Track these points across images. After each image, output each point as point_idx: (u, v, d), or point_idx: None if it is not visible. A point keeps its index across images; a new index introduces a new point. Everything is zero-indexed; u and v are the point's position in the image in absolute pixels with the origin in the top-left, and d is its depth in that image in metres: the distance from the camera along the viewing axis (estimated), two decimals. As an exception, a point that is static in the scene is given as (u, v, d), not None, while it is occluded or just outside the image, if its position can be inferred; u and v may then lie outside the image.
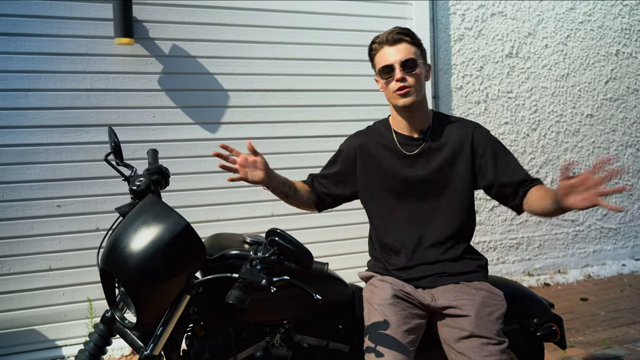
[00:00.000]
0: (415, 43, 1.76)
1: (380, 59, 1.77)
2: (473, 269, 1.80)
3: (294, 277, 1.40)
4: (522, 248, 4.50)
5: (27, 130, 3.08)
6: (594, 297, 3.99)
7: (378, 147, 1.87)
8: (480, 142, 1.80)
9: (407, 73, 1.72)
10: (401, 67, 1.71)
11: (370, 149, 1.89)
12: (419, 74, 1.74)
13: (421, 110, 1.83)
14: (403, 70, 1.71)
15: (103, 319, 1.55)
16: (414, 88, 1.73)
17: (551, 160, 4.57)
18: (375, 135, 1.91)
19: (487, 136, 1.82)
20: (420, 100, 1.78)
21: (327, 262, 1.50)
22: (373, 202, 1.89)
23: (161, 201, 1.42)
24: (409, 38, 1.75)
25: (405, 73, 1.71)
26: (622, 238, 4.91)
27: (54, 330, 3.18)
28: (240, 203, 3.56)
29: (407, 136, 1.85)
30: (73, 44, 3.13)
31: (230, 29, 3.46)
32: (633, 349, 3.04)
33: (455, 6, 4.13)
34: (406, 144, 1.84)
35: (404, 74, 1.71)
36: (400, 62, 1.71)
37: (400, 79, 1.71)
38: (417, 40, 1.77)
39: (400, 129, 1.86)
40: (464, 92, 4.21)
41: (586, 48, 4.65)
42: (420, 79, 1.75)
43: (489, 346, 1.60)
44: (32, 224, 3.11)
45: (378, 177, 1.86)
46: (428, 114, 1.86)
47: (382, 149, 1.87)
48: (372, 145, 1.89)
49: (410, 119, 1.82)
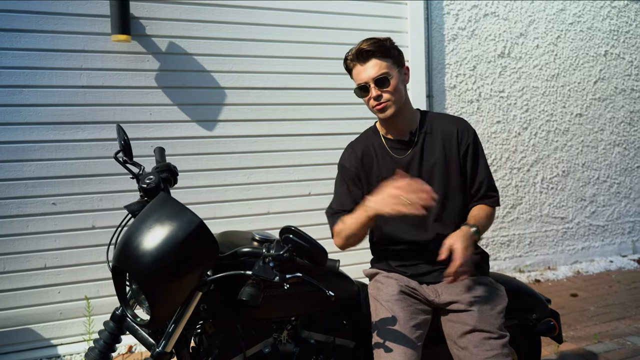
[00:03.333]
0: (385, 54, 1.73)
1: (355, 76, 1.79)
2: (475, 264, 1.84)
3: (305, 274, 1.42)
4: (513, 245, 4.57)
5: (23, 127, 3.05)
6: (583, 293, 4.07)
7: (373, 154, 1.89)
8: (464, 147, 1.83)
9: (382, 90, 1.73)
10: (375, 85, 1.72)
11: (367, 156, 1.89)
12: (395, 86, 1.73)
13: (404, 115, 1.83)
14: (377, 87, 1.72)
15: (113, 316, 1.55)
16: (391, 101, 1.74)
17: (542, 159, 4.64)
18: (368, 143, 1.92)
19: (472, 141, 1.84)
20: (400, 107, 1.78)
21: (338, 259, 1.52)
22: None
23: (174, 199, 1.43)
24: (379, 52, 1.72)
25: (380, 90, 1.73)
26: (609, 235, 5.01)
27: (49, 329, 3.16)
28: (237, 201, 3.56)
29: (396, 140, 1.87)
30: (69, 40, 3.10)
31: (228, 27, 3.46)
32: (624, 343, 3.11)
33: (449, 6, 4.18)
34: (396, 147, 1.86)
35: (378, 91, 1.73)
36: (374, 81, 1.72)
37: (376, 97, 1.74)
38: (386, 51, 1.73)
39: (388, 134, 1.89)
40: (457, 91, 4.26)
41: (576, 49, 4.73)
42: (396, 89, 1.74)
43: (491, 340, 1.64)
44: (27, 221, 3.09)
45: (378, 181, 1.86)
46: (414, 115, 1.88)
47: (376, 155, 1.88)
48: (367, 153, 1.89)
49: (395, 125, 1.85)
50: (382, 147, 1.88)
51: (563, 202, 4.77)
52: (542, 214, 4.68)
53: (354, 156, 1.90)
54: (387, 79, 1.72)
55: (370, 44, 1.72)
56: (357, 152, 1.90)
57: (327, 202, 2.02)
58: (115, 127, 1.80)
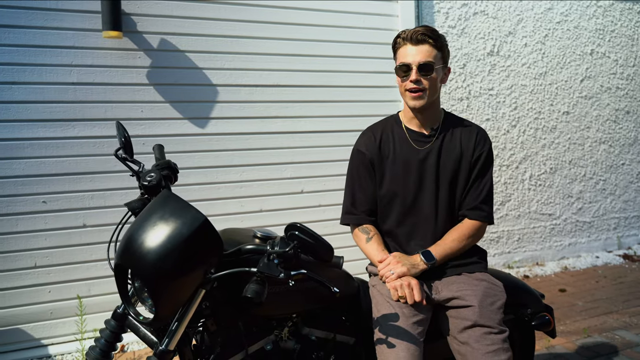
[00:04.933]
0: (438, 46, 1.76)
1: (401, 55, 1.78)
2: (474, 260, 1.87)
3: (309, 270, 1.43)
4: (502, 241, 4.62)
5: (12, 124, 3.00)
6: (571, 288, 4.13)
7: (391, 140, 1.89)
8: (478, 155, 1.85)
9: (423, 76, 1.74)
10: (418, 69, 1.73)
11: (385, 142, 1.90)
12: (435, 78, 1.76)
13: (432, 111, 1.86)
14: (419, 72, 1.73)
15: (114, 314, 1.54)
16: (427, 92, 1.76)
17: (530, 156, 4.70)
18: (388, 129, 1.92)
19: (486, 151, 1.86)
20: (432, 102, 1.81)
21: (342, 256, 1.53)
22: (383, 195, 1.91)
23: (177, 196, 1.42)
24: (432, 40, 1.74)
25: (420, 75, 1.74)
26: (595, 231, 5.10)
27: (39, 328, 3.11)
28: (229, 198, 3.55)
29: (417, 132, 1.88)
30: (59, 36, 3.06)
31: (220, 24, 3.44)
32: (612, 337, 3.17)
33: (439, 4, 4.20)
34: (416, 139, 1.87)
35: (419, 76, 1.74)
36: (418, 64, 1.73)
37: (415, 81, 1.74)
38: (440, 43, 1.76)
39: (411, 125, 1.90)
40: (448, 89, 4.29)
41: (563, 47, 4.79)
42: (435, 82, 1.77)
43: (492, 335, 1.66)
44: (16, 220, 3.04)
45: (393, 170, 1.88)
46: (439, 113, 1.91)
47: (394, 141, 1.89)
48: (386, 138, 1.90)
49: (421, 117, 1.86)
50: (402, 135, 1.89)
51: (551, 199, 4.83)
52: (531, 210, 4.74)
53: (372, 140, 1.91)
54: (432, 67, 1.74)
55: (428, 30, 1.75)
56: (376, 136, 1.91)
57: (320, 199, 2.04)
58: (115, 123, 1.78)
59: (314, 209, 3.77)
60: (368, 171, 1.90)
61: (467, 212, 1.86)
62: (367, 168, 1.90)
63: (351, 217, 1.92)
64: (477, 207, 1.85)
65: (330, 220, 3.81)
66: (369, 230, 1.88)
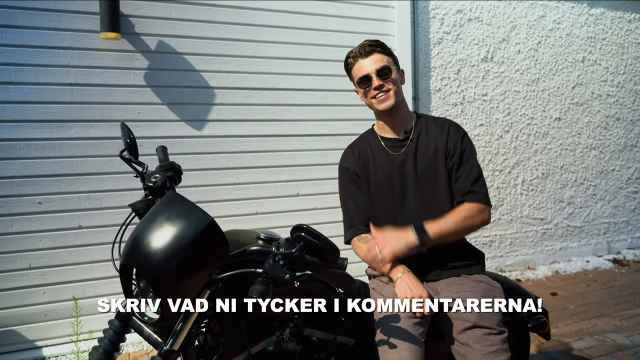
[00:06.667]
0: (386, 52, 1.88)
1: (357, 71, 1.89)
2: (473, 262, 1.89)
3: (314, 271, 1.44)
4: (494, 245, 4.67)
5: (8, 124, 2.99)
6: (562, 292, 4.18)
7: (369, 153, 1.97)
8: (452, 145, 1.89)
9: (384, 80, 1.84)
10: (377, 75, 1.84)
11: (364, 156, 1.98)
12: (395, 79, 1.87)
13: (402, 112, 1.94)
14: (379, 77, 1.84)
15: (118, 315, 1.54)
16: (392, 91, 1.85)
17: (522, 161, 4.76)
18: (365, 144, 2.01)
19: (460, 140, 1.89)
20: (399, 102, 1.90)
21: (346, 257, 1.54)
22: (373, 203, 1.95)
23: (183, 197, 1.43)
24: (380, 48, 1.87)
25: (381, 80, 1.84)
26: (586, 236, 5.16)
27: (33, 330, 3.09)
28: (225, 201, 3.55)
29: (392, 139, 1.95)
30: (57, 37, 3.05)
31: (218, 27, 3.45)
32: (603, 340, 3.22)
33: (435, 10, 4.25)
34: (392, 145, 1.94)
35: (380, 81, 1.84)
36: (376, 71, 1.84)
37: (378, 87, 1.84)
38: (387, 49, 1.89)
39: (385, 133, 1.97)
40: (442, 94, 4.34)
41: (555, 54, 4.86)
42: (396, 82, 1.87)
43: (491, 336, 1.68)
44: (11, 221, 3.02)
45: (376, 179, 1.93)
46: (410, 116, 1.98)
47: (372, 154, 1.96)
48: (364, 153, 1.98)
49: (392, 122, 1.94)
50: (379, 146, 1.96)
51: (542, 204, 4.89)
52: (523, 215, 4.80)
53: (352, 156, 2.01)
54: (389, 69, 1.84)
55: (373, 42, 1.88)
56: (355, 152, 2.01)
57: (315, 202, 2.07)
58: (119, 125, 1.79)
59: (309, 212, 3.79)
60: (356, 183, 1.98)
61: (461, 197, 1.86)
62: (353, 181, 1.98)
63: (350, 231, 1.97)
64: (470, 191, 1.86)
65: (325, 224, 3.82)
66: (367, 239, 1.91)
